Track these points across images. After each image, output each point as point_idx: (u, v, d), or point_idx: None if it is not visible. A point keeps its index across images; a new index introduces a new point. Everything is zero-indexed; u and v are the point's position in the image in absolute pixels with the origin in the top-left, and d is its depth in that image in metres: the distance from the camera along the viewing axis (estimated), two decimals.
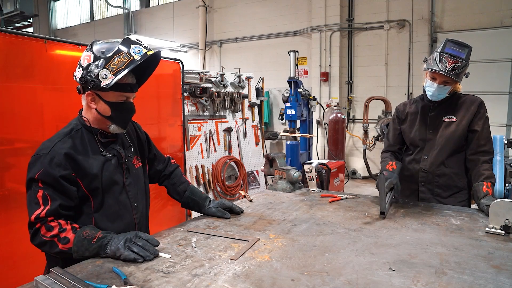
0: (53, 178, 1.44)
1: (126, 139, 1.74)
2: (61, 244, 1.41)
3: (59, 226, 1.42)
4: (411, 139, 2.34)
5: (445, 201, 2.23)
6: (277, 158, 2.80)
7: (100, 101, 1.55)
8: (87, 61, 1.50)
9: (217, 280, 1.24)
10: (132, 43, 1.52)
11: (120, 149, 1.66)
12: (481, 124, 2.15)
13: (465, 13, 7.28)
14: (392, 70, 8.14)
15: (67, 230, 1.43)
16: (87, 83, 1.51)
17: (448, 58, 2.01)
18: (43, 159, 1.46)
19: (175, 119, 4.22)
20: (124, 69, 1.47)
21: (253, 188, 5.48)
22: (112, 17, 13.17)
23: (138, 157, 1.79)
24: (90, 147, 1.57)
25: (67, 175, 1.47)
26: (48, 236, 1.41)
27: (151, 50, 1.56)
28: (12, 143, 2.65)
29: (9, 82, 2.60)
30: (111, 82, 1.47)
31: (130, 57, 1.49)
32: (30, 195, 1.45)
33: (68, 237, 1.41)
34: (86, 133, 1.59)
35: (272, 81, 8.52)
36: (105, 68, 1.47)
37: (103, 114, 1.57)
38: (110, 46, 1.51)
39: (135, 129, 1.84)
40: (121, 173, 1.65)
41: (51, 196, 1.43)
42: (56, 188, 1.45)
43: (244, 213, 2.02)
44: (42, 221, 1.42)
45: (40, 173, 1.43)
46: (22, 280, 1.31)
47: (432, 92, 2.16)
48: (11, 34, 2.63)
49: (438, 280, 1.23)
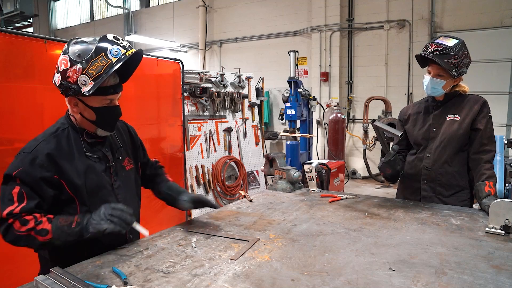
0: (32, 179, 1.39)
1: (116, 140, 1.68)
2: (40, 237, 1.36)
3: (34, 219, 1.37)
4: (414, 137, 2.35)
5: (447, 200, 2.23)
6: (277, 158, 2.80)
7: (84, 106, 1.50)
8: (64, 66, 1.43)
9: (217, 280, 1.24)
10: (109, 43, 1.45)
11: (107, 152, 1.61)
12: (484, 123, 2.16)
13: (465, 13, 7.28)
14: (392, 70, 8.14)
15: (43, 222, 1.38)
16: (67, 90, 1.45)
17: (432, 44, 2.13)
18: (25, 158, 1.41)
19: (175, 119, 4.22)
20: (103, 74, 1.41)
21: (253, 188, 5.49)
22: (112, 17, 13.17)
23: (130, 158, 1.74)
24: (75, 148, 1.52)
25: (48, 177, 1.42)
26: (23, 230, 1.36)
27: (131, 48, 1.50)
28: (12, 143, 2.65)
29: (9, 82, 2.60)
30: (92, 89, 1.41)
31: (108, 60, 1.42)
32: (4, 190, 1.40)
33: (46, 228, 1.37)
34: (72, 133, 1.54)
35: (272, 81, 8.52)
36: (84, 74, 1.41)
37: (88, 119, 1.53)
38: (86, 48, 1.42)
39: (129, 131, 1.80)
40: (108, 176, 1.60)
41: (28, 194, 1.39)
42: (33, 188, 1.40)
43: (244, 213, 2.02)
44: (15, 216, 1.36)
45: (18, 171, 1.39)
46: (22, 280, 1.31)
47: (426, 85, 2.20)
48: (11, 34, 2.63)
49: (438, 280, 1.23)
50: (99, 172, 1.56)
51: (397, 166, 2.23)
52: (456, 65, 2.08)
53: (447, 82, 2.15)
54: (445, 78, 2.14)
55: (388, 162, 2.19)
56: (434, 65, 2.14)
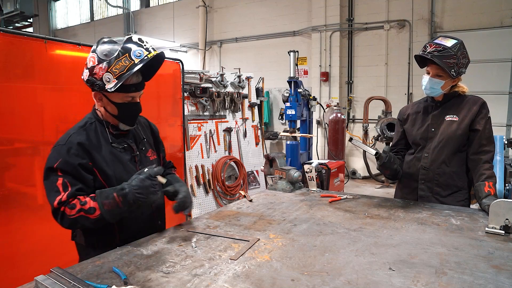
0: (72, 166, 1.51)
1: (139, 132, 1.81)
2: (91, 215, 1.48)
3: (79, 201, 1.49)
4: (413, 137, 2.35)
5: (444, 200, 2.23)
6: (277, 158, 2.80)
7: (107, 101, 1.62)
8: (92, 63, 1.56)
9: (217, 280, 1.24)
10: (134, 44, 1.57)
11: (131, 143, 1.73)
12: (483, 124, 2.16)
13: (465, 13, 7.28)
14: (392, 70, 8.14)
15: (88, 201, 1.49)
16: (93, 85, 1.58)
17: (430, 44, 2.13)
18: (61, 150, 1.53)
19: (175, 119, 4.22)
20: (126, 73, 1.53)
21: (253, 188, 5.49)
22: (112, 17, 13.17)
23: (153, 150, 1.86)
24: (102, 139, 1.64)
25: (85, 164, 1.54)
26: (73, 213, 1.47)
27: (153, 51, 1.61)
28: (12, 143, 2.65)
29: (9, 82, 2.60)
30: (114, 86, 1.53)
31: (131, 60, 1.54)
32: (49, 184, 1.51)
33: (92, 206, 1.48)
34: (99, 126, 1.66)
35: (272, 81, 8.52)
36: (108, 72, 1.53)
37: (111, 113, 1.65)
38: (113, 48, 1.55)
39: (150, 127, 1.92)
40: (134, 165, 1.71)
41: (71, 182, 1.51)
42: (74, 176, 1.52)
43: (244, 213, 2.02)
44: (65, 204, 1.48)
45: (58, 163, 1.50)
46: (22, 280, 1.31)
47: (425, 85, 2.21)
48: (11, 34, 2.63)
49: (438, 280, 1.23)
50: (125, 162, 1.68)
51: (393, 165, 2.24)
52: (454, 65, 2.08)
53: (446, 82, 2.15)
54: (444, 78, 2.14)
55: (383, 165, 2.21)
56: (433, 65, 2.15)
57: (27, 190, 2.77)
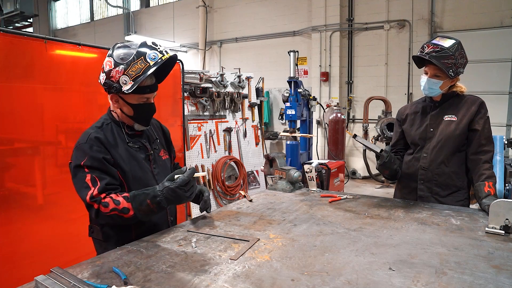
0: (98, 161, 1.59)
1: (152, 133, 1.90)
2: (125, 215, 1.55)
3: (112, 200, 1.55)
4: (412, 137, 2.35)
5: (444, 200, 2.23)
6: (277, 158, 2.80)
7: (124, 102, 1.70)
8: (109, 67, 1.64)
9: (217, 280, 1.24)
10: (148, 48, 1.65)
11: (145, 142, 1.81)
12: (482, 124, 2.16)
13: (465, 13, 7.28)
14: (392, 70, 8.14)
15: (121, 202, 1.55)
16: (110, 88, 1.65)
17: (428, 45, 2.13)
18: (84, 147, 1.60)
19: (175, 119, 4.22)
20: (141, 75, 1.61)
21: (253, 188, 5.49)
22: (112, 17, 13.16)
23: (165, 150, 1.95)
24: (119, 139, 1.71)
25: (108, 158, 1.62)
26: (108, 211, 1.54)
27: (167, 53, 1.69)
28: (12, 143, 2.65)
29: (9, 82, 2.60)
30: (131, 88, 1.61)
31: (147, 63, 1.62)
32: (78, 181, 1.59)
33: (126, 207, 1.55)
34: (114, 126, 1.74)
35: (272, 81, 8.52)
36: (125, 75, 1.61)
37: (127, 114, 1.73)
38: (128, 52, 1.63)
39: (161, 129, 2.01)
40: (148, 163, 1.79)
41: (99, 177, 1.57)
42: (101, 170, 1.59)
43: (244, 213, 2.02)
44: (97, 200, 1.54)
45: (86, 160, 1.58)
46: (22, 280, 1.31)
47: (423, 86, 2.21)
48: (11, 34, 2.63)
49: (438, 280, 1.23)
50: (140, 160, 1.75)
51: (393, 165, 2.25)
52: (452, 66, 2.08)
53: (444, 82, 2.16)
54: (442, 79, 2.15)
55: (383, 164, 2.22)
56: (431, 65, 2.15)
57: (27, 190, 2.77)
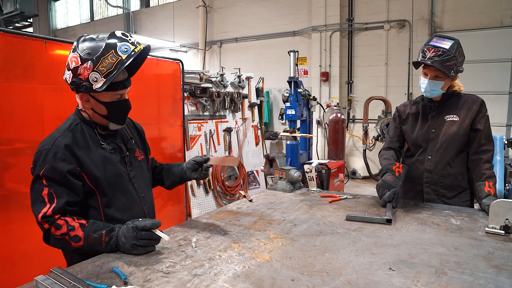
0: (59, 174, 1.43)
1: (126, 132, 1.75)
2: (73, 242, 1.42)
3: (66, 224, 1.42)
4: (413, 139, 2.33)
5: (450, 201, 2.22)
6: (277, 158, 2.80)
7: (95, 101, 1.55)
8: (75, 63, 1.47)
9: (217, 280, 1.24)
10: (118, 40, 1.48)
11: (120, 143, 1.68)
12: (483, 123, 2.16)
13: (465, 13, 7.27)
14: (392, 70, 8.14)
15: (76, 228, 1.42)
16: (79, 87, 1.50)
17: (429, 48, 2.08)
18: (47, 155, 1.45)
19: (175, 119, 4.22)
20: (114, 70, 1.46)
21: (253, 188, 5.48)
22: (112, 17, 13.17)
23: (141, 150, 1.81)
24: (90, 140, 1.57)
25: (73, 169, 1.46)
26: (58, 234, 1.42)
27: (139, 45, 1.53)
28: (12, 143, 2.64)
29: (9, 82, 2.59)
30: (103, 85, 1.46)
31: (118, 57, 1.46)
32: (35, 193, 1.45)
33: (78, 235, 1.42)
34: (85, 127, 1.58)
35: (272, 81, 8.52)
36: (95, 71, 1.45)
37: (100, 113, 1.58)
38: (96, 45, 1.46)
39: (134, 126, 1.86)
40: (124, 166, 1.65)
41: (57, 193, 1.43)
42: (61, 183, 1.44)
43: (244, 213, 2.02)
44: (50, 220, 1.42)
45: (44, 170, 1.43)
46: (22, 280, 1.31)
47: (425, 88, 2.18)
48: (11, 34, 2.62)
49: (438, 280, 1.23)
50: (116, 163, 1.61)
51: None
52: (454, 66, 2.07)
53: (445, 82, 2.15)
54: (443, 79, 2.13)
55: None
56: (431, 67, 2.11)
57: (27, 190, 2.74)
